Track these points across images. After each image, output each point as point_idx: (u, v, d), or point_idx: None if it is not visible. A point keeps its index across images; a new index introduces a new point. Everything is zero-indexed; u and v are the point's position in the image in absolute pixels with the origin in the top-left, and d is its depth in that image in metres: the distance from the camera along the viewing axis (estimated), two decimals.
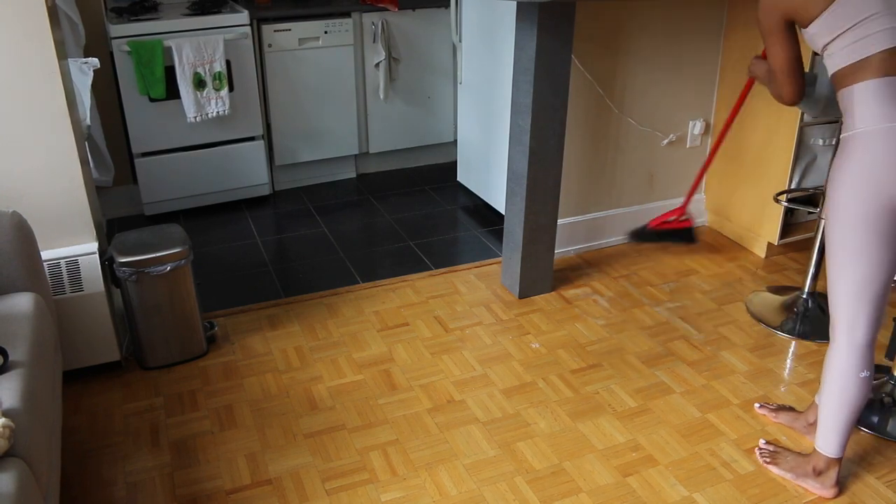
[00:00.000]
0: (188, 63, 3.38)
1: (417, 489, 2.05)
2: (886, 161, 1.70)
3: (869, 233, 1.75)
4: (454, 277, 3.13)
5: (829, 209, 1.82)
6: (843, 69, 1.76)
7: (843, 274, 1.82)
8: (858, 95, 1.74)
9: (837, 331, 1.89)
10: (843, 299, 1.85)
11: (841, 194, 1.78)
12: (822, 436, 1.99)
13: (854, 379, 1.88)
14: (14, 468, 1.42)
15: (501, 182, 3.42)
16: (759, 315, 2.84)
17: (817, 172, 3.09)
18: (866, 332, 1.86)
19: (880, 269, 1.79)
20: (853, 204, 1.75)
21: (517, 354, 2.62)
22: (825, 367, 1.94)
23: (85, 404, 2.39)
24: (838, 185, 1.78)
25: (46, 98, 2.16)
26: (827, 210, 1.84)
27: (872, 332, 1.87)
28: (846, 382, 1.89)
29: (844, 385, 1.90)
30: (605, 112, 3.09)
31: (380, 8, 3.81)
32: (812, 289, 2.82)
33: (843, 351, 1.88)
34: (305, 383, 2.48)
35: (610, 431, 2.26)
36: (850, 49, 1.73)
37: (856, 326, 1.86)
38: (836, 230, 1.81)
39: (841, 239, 1.80)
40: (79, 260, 2.33)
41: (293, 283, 3.11)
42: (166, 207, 3.71)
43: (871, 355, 1.88)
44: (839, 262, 1.82)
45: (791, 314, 2.81)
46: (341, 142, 4.02)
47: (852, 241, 1.78)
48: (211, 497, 2.03)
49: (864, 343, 1.87)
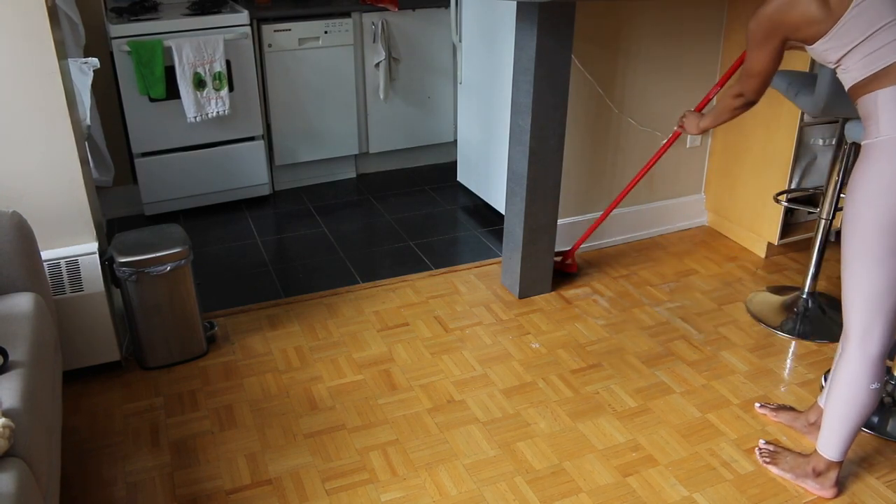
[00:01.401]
0: (188, 63, 3.38)
1: (417, 489, 2.05)
2: None
3: (890, 243, 1.71)
4: (454, 277, 3.13)
5: (848, 216, 1.77)
6: (861, 80, 1.72)
7: (860, 284, 1.78)
8: (883, 102, 1.69)
9: (850, 340, 1.85)
10: (857, 309, 1.81)
11: (863, 202, 1.72)
12: (824, 438, 1.98)
13: (865, 390, 1.86)
14: (14, 468, 1.42)
15: (501, 182, 3.43)
16: (759, 315, 2.84)
17: (817, 172, 3.09)
18: (879, 343, 1.82)
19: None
20: (876, 213, 1.70)
21: (517, 354, 2.62)
22: (834, 374, 1.92)
23: (85, 404, 2.39)
24: (860, 193, 1.73)
25: (46, 98, 2.16)
26: (846, 217, 1.79)
27: (886, 344, 1.83)
28: (856, 392, 1.87)
29: (854, 395, 1.87)
30: (605, 112, 3.09)
31: (380, 8, 3.81)
32: (812, 289, 2.82)
33: (854, 361, 1.85)
34: (305, 383, 2.48)
35: (610, 431, 2.26)
36: (868, 60, 1.69)
37: (869, 337, 1.82)
38: (856, 239, 1.75)
39: (860, 248, 1.75)
40: (79, 260, 2.33)
41: (293, 283, 3.11)
42: (166, 207, 3.71)
43: (882, 367, 1.85)
44: (856, 271, 1.78)
45: (791, 314, 2.81)
46: (341, 142, 4.02)
47: (872, 251, 1.73)
48: (211, 497, 2.03)
49: (876, 354, 1.83)
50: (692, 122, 2.44)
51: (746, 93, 2.01)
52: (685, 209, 3.48)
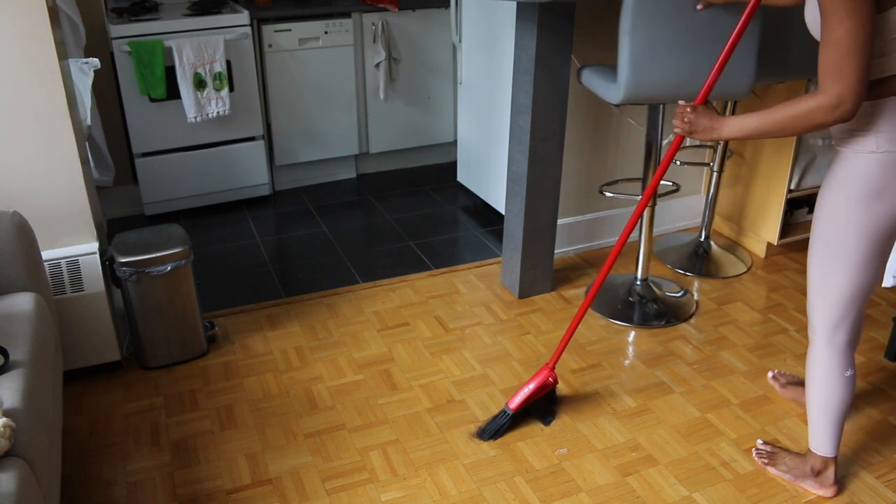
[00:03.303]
0: (188, 63, 3.39)
1: (417, 489, 2.05)
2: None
3: (874, 247, 1.70)
4: (454, 277, 3.13)
5: (827, 217, 1.73)
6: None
7: (836, 283, 1.76)
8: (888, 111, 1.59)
9: (818, 333, 1.85)
10: (829, 305, 1.80)
11: (849, 207, 1.68)
12: (814, 436, 1.98)
13: (840, 379, 1.86)
14: (14, 468, 1.42)
15: (501, 182, 3.43)
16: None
17: (817, 172, 3.10)
18: (848, 334, 1.83)
19: (875, 276, 1.76)
20: (862, 219, 1.67)
21: (517, 354, 2.62)
22: (808, 368, 1.92)
23: (85, 404, 2.39)
24: (844, 196, 1.68)
25: (47, 98, 2.16)
26: (823, 216, 1.74)
27: (854, 332, 1.84)
28: (832, 384, 1.87)
29: (830, 386, 1.88)
30: (605, 112, 3.09)
31: (380, 8, 3.81)
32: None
33: (824, 352, 1.86)
34: (305, 383, 2.48)
35: (610, 431, 2.27)
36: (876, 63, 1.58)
37: (839, 330, 1.82)
38: (835, 241, 1.73)
39: (839, 250, 1.72)
40: (79, 260, 2.33)
41: (293, 283, 3.11)
42: (166, 207, 3.71)
43: (852, 354, 1.86)
44: (832, 271, 1.75)
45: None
46: (341, 142, 4.03)
47: (853, 255, 1.71)
48: (211, 497, 2.03)
49: (845, 343, 1.84)
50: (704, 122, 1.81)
51: (844, 92, 1.51)
52: (685, 209, 3.48)
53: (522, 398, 2.23)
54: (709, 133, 1.80)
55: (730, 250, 3.29)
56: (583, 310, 2.24)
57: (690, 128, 1.84)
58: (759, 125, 1.67)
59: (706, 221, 3.26)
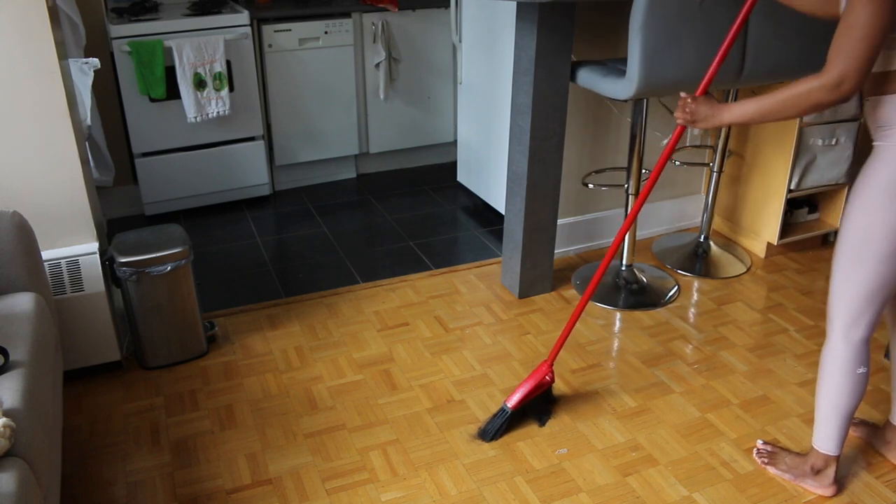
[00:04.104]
0: (188, 63, 3.39)
1: (417, 489, 2.05)
2: None
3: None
4: (454, 277, 3.13)
5: (862, 206, 1.72)
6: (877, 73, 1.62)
7: (860, 276, 1.76)
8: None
9: (835, 330, 1.86)
10: (849, 300, 1.81)
11: (882, 197, 1.67)
12: (820, 433, 1.98)
13: (852, 375, 1.87)
14: (14, 468, 1.42)
15: (501, 182, 3.43)
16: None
17: (817, 172, 3.10)
18: (865, 330, 1.83)
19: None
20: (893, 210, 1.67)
21: (517, 354, 2.62)
22: (821, 363, 1.93)
23: (85, 404, 2.39)
24: (878, 188, 1.68)
25: (46, 98, 2.16)
26: (857, 206, 1.74)
27: (871, 330, 1.85)
28: (844, 379, 1.88)
29: (842, 382, 1.88)
30: (605, 112, 3.09)
31: (380, 8, 3.81)
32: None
33: (840, 348, 1.86)
34: (305, 383, 2.48)
35: (610, 431, 2.27)
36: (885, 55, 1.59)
37: (857, 326, 1.83)
38: (868, 230, 1.72)
39: (870, 241, 1.72)
40: (79, 260, 2.33)
41: (293, 283, 3.11)
42: (166, 207, 3.71)
43: (867, 351, 1.86)
44: (854, 267, 1.76)
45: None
46: (341, 142, 4.03)
47: (882, 247, 1.71)
48: (211, 497, 2.03)
49: (861, 340, 1.84)
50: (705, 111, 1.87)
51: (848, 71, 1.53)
52: (685, 209, 3.48)
53: (521, 395, 2.23)
54: (710, 120, 1.86)
55: (729, 250, 3.29)
56: (581, 305, 2.25)
57: (692, 117, 1.90)
58: (759, 107, 1.71)
59: (706, 221, 3.26)
